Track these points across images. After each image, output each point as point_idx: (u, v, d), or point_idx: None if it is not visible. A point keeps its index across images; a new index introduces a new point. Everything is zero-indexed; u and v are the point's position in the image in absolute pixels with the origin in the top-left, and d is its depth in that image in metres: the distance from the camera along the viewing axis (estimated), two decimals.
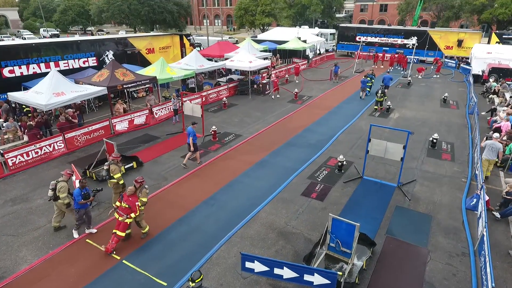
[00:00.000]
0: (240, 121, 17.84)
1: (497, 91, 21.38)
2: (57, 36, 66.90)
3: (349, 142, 14.96)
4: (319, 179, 11.67)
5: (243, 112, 19.31)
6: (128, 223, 8.10)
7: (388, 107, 19.33)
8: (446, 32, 36.59)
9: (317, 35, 42.93)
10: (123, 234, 8.14)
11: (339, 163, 12.08)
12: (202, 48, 31.90)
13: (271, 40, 35.60)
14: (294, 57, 34.60)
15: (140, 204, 8.17)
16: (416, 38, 30.56)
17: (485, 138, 12.72)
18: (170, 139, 15.43)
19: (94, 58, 21.89)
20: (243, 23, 49.06)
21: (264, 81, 23.23)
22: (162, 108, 17.83)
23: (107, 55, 22.67)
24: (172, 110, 17.50)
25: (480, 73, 27.22)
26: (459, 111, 19.81)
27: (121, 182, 9.57)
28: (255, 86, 23.25)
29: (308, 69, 33.80)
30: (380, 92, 19.27)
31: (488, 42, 35.21)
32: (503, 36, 33.38)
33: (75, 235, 8.70)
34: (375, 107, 19.66)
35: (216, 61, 26.42)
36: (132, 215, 8.05)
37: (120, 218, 8.03)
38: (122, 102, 16.65)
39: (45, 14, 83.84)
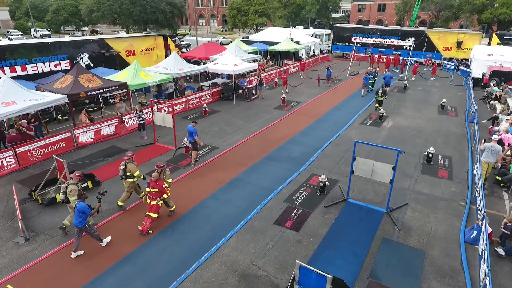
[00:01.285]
0: (219, 130, 16.37)
1: (498, 96, 19.94)
2: (48, 36, 65.68)
3: (336, 156, 13.50)
4: (297, 203, 10.21)
5: (225, 120, 17.84)
6: (160, 204, 8.89)
7: (381, 114, 17.87)
8: (445, 32, 35.15)
9: (312, 36, 41.52)
10: (155, 215, 8.85)
11: (321, 184, 10.62)
12: (188, 50, 30.41)
13: (262, 41, 34.11)
14: (287, 58, 33.17)
15: (167, 186, 8.94)
16: (413, 39, 29.17)
17: (483, 141, 11.96)
18: (139, 151, 13.94)
19: (67, 61, 20.42)
20: (236, 23, 47.55)
21: (250, 86, 21.77)
22: (134, 117, 16.35)
23: (81, 58, 21.22)
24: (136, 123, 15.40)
25: (480, 76, 25.80)
26: (458, 119, 18.36)
27: (142, 177, 9.83)
28: (241, 91, 21.81)
29: (300, 71, 32.29)
30: (380, 91, 18.75)
31: (489, 44, 33.83)
32: (505, 37, 31.95)
33: (104, 243, 8.31)
34: (376, 105, 19.17)
35: (204, 63, 24.97)
36: (165, 195, 8.83)
37: (153, 202, 8.77)
38: (85, 111, 15.15)
39: (38, 14, 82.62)
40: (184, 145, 13.61)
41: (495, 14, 37.41)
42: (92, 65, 21.68)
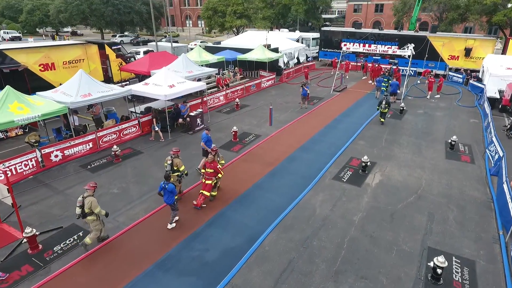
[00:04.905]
0: (121, 192, 10.93)
1: None
2: (19, 38, 60.96)
3: (280, 259, 8.03)
4: None
5: (138, 171, 12.39)
6: (212, 184, 9.93)
7: (365, 163, 12.35)
8: (451, 38, 29.54)
9: (298, 40, 36.06)
10: (208, 194, 9.90)
11: None
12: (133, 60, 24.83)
13: (234, 48, 28.63)
14: (262, 69, 27.64)
15: (220, 167, 10.06)
16: (413, 45, 23.74)
17: None
18: None
19: None
20: (212, 26, 42.04)
21: (193, 114, 16.33)
22: (12, 165, 10.92)
23: None
24: None
25: (497, 96, 20.34)
26: (476, 169, 12.84)
27: (186, 172, 10.14)
28: (181, 120, 16.41)
29: (277, 85, 26.87)
30: (384, 102, 17.05)
31: (503, 52, 28.39)
32: None
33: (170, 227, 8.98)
34: (380, 119, 17.48)
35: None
36: (219, 175, 9.99)
37: (208, 182, 9.80)
38: None
39: (14, 14, 77.88)
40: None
41: (509, 16, 31.86)
42: None
